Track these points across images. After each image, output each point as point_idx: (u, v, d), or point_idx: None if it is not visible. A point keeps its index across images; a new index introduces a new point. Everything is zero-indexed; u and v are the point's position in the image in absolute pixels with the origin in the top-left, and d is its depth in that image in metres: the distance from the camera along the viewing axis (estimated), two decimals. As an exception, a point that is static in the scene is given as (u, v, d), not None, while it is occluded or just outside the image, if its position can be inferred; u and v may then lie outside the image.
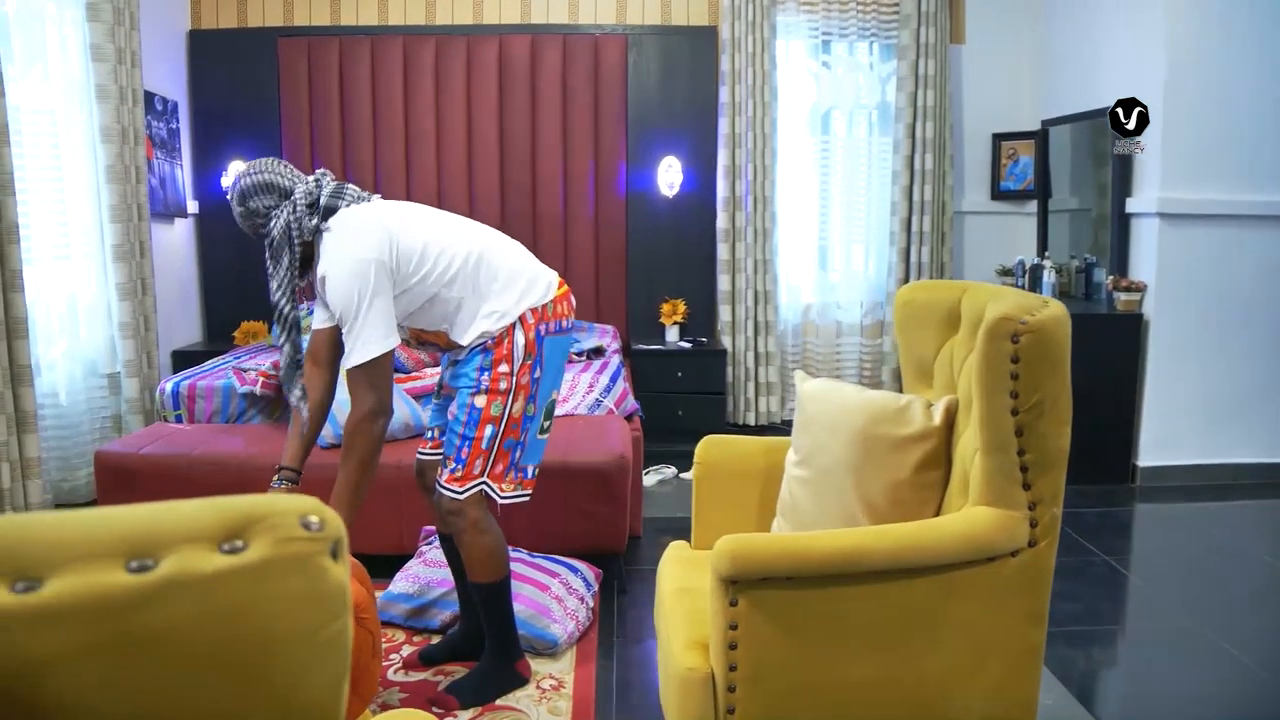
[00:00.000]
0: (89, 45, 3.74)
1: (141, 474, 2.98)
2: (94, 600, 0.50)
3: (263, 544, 0.55)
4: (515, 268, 2.21)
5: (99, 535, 0.53)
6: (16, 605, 0.49)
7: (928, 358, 2.16)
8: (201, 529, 0.55)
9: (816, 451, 2.06)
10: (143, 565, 0.52)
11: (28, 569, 0.50)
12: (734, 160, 4.73)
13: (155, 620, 0.51)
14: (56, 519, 0.54)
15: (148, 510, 0.56)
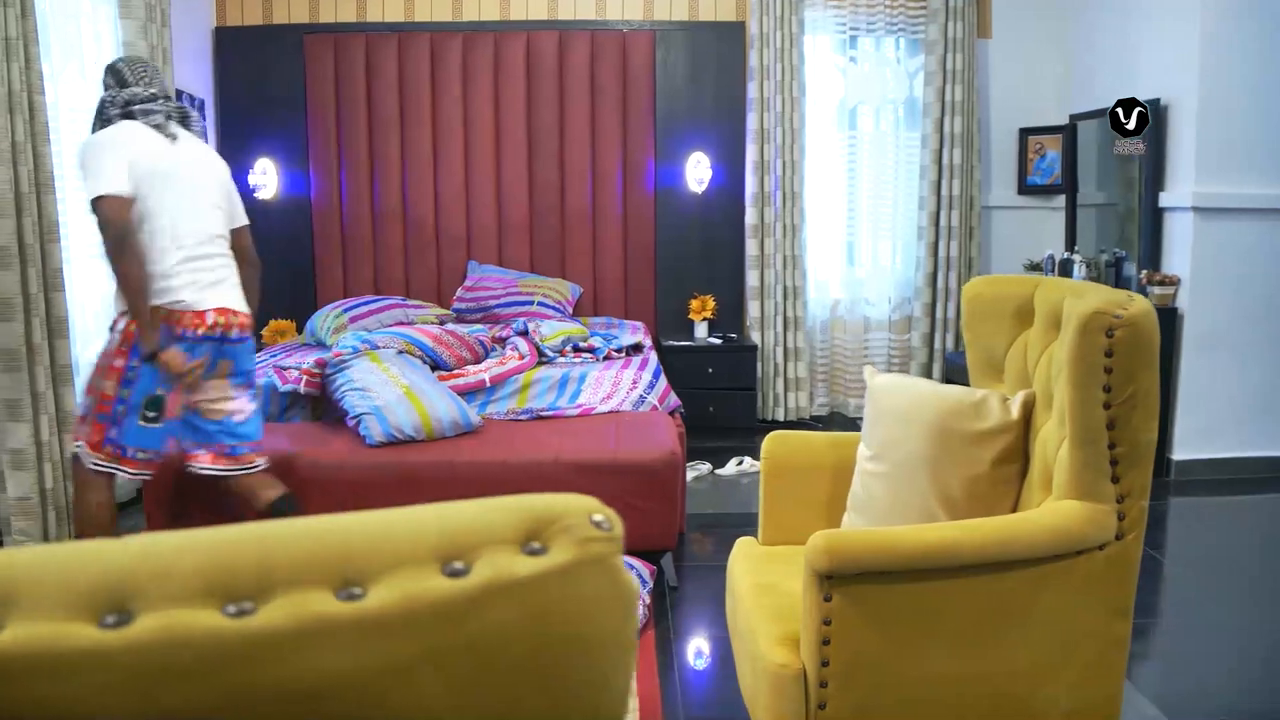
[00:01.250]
0: (122, 43, 3.72)
1: (191, 475, 2.96)
2: (420, 607, 0.49)
3: (563, 545, 0.55)
4: (165, 268, 2.44)
5: (415, 539, 0.52)
6: (349, 614, 0.48)
7: (998, 352, 2.16)
8: (504, 531, 0.54)
9: (891, 446, 2.06)
10: (457, 570, 0.52)
11: (353, 578, 0.49)
12: (762, 156, 4.72)
13: (479, 626, 0.50)
14: (369, 521, 0.54)
15: (448, 511, 0.55)
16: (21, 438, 3.09)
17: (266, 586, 0.46)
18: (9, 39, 3.01)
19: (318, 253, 4.83)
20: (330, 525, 0.51)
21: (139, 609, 0.44)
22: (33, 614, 0.43)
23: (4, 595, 0.44)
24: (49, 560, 0.45)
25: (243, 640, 0.44)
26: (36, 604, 0.43)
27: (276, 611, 0.45)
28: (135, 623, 0.44)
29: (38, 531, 3.13)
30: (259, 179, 4.74)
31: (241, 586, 0.46)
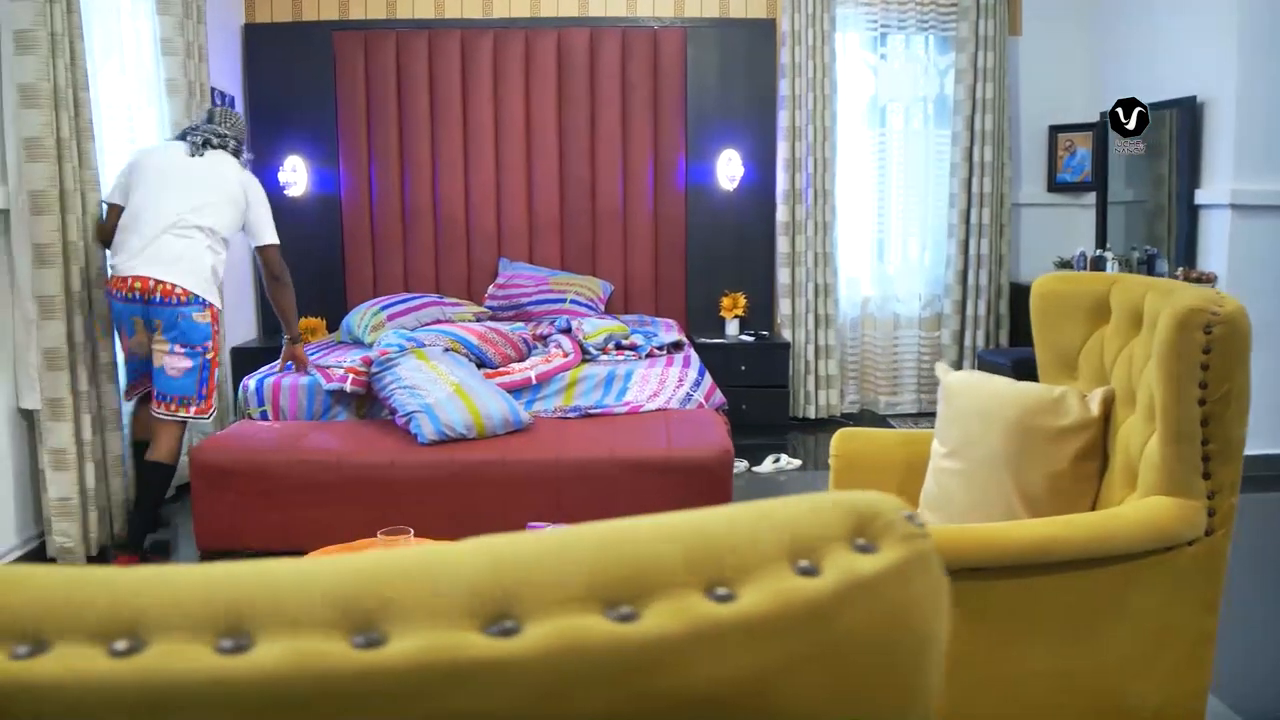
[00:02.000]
0: (159, 39, 3.70)
1: (237, 473, 2.95)
2: (792, 609, 0.48)
3: (890, 542, 0.54)
4: (115, 244, 3.07)
5: (764, 537, 0.51)
6: (728, 616, 0.47)
7: (1071, 348, 2.15)
8: (836, 528, 0.53)
9: (968, 443, 2.05)
10: (807, 569, 0.51)
11: (719, 578, 0.48)
12: (794, 153, 4.72)
13: (843, 626, 0.49)
14: (711, 518, 0.53)
15: (773, 509, 0.54)
16: (62, 437, 3.07)
17: (645, 589, 0.45)
18: (54, 34, 2.99)
19: (347, 250, 4.82)
20: (684, 523, 0.50)
21: (525, 617, 0.43)
22: (420, 622, 0.42)
23: (381, 604, 0.42)
24: (428, 565, 0.44)
25: (633, 646, 0.43)
26: (426, 611, 0.42)
27: (659, 616, 0.44)
28: (524, 632, 0.42)
29: (78, 533, 3.11)
30: (288, 176, 4.72)
31: (622, 590, 0.45)
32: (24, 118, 2.94)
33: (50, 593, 0.41)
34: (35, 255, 2.97)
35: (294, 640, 0.39)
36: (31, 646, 0.40)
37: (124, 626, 0.40)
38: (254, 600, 0.40)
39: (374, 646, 0.40)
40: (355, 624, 0.40)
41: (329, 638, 0.39)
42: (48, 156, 2.97)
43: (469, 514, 2.84)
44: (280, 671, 0.39)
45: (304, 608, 0.40)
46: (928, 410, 5.04)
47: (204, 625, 0.40)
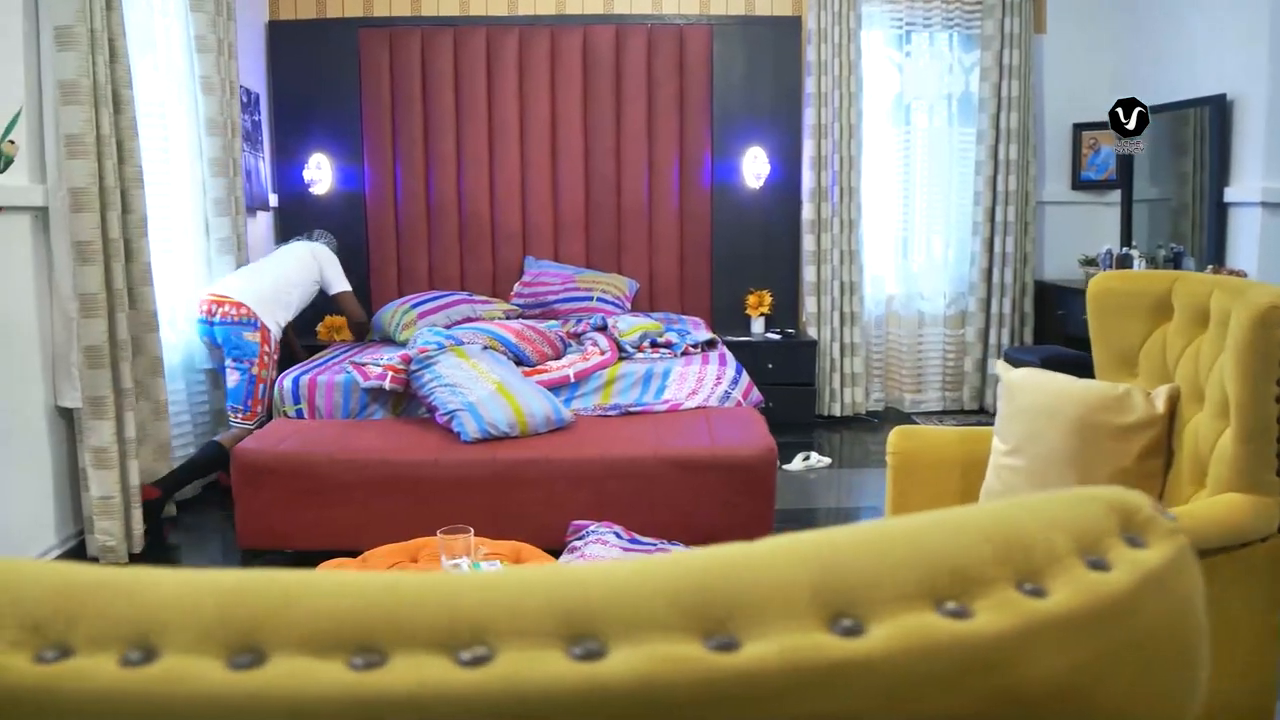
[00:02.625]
0: (193, 36, 3.69)
1: (279, 472, 2.95)
2: (1100, 607, 0.48)
3: (1158, 536, 0.54)
4: None
5: (1051, 533, 0.51)
6: (1045, 612, 0.47)
7: (1131, 346, 2.16)
8: (1107, 524, 0.53)
9: (1030, 440, 2.06)
10: (1099, 563, 0.51)
11: (1026, 574, 0.48)
12: (820, 151, 4.72)
13: (1141, 620, 0.49)
14: (990, 516, 0.53)
15: (1033, 506, 0.54)
16: (104, 436, 3.06)
17: (966, 586, 0.45)
18: (94, 31, 2.98)
19: (371, 248, 4.81)
20: (980, 517, 0.50)
21: (865, 616, 0.42)
22: (770, 623, 0.41)
23: (730, 605, 0.42)
24: (764, 562, 0.43)
25: (971, 644, 0.43)
26: (774, 611, 0.41)
27: (988, 613, 0.44)
28: (869, 632, 0.41)
29: (120, 531, 3.11)
30: (313, 174, 4.72)
31: (949, 587, 0.44)
32: (64, 114, 2.93)
33: (379, 598, 0.41)
34: (76, 253, 2.96)
35: (645, 645, 0.39)
36: (372, 657, 0.39)
37: (471, 635, 0.39)
38: (601, 604, 0.40)
39: (728, 650, 0.39)
40: (707, 627, 0.40)
41: (682, 641, 0.39)
42: (88, 153, 2.96)
43: (512, 512, 2.84)
44: (640, 677, 0.38)
45: (649, 611, 0.40)
46: (952, 408, 5.05)
47: (552, 631, 0.39)
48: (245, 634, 0.38)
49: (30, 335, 2.96)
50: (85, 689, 0.37)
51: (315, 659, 0.37)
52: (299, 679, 0.37)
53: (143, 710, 0.38)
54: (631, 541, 2.75)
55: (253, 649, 0.38)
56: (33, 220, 2.97)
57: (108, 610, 0.40)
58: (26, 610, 0.40)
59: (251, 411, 3.49)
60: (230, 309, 3.45)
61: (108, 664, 0.38)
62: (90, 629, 0.39)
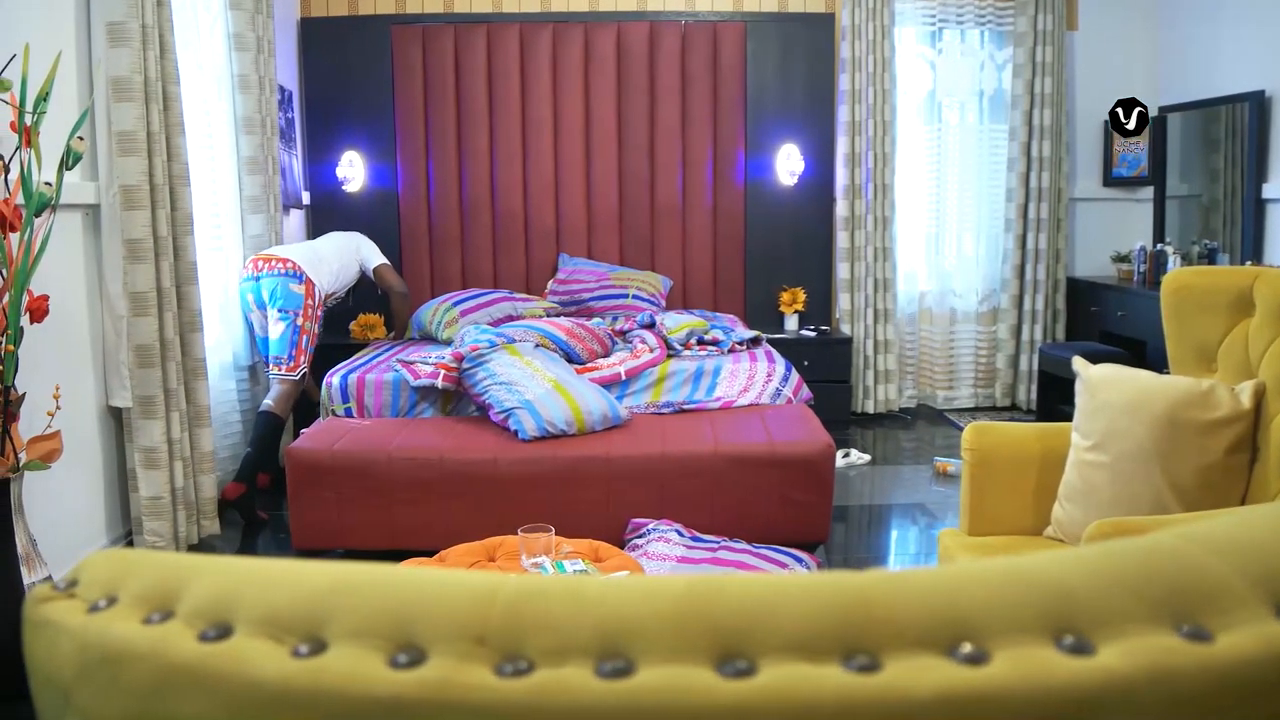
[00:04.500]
0: (231, 34, 3.67)
1: (336, 471, 2.94)
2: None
3: None
4: None
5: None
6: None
7: (1210, 342, 2.16)
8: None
9: (1113, 436, 2.05)
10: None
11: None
12: (854, 148, 4.72)
13: None
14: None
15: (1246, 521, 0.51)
16: (154, 436, 3.04)
17: (1203, 607, 0.42)
18: (145, 26, 2.96)
19: (404, 245, 4.79)
20: (1220, 534, 0.46)
21: (1095, 635, 0.40)
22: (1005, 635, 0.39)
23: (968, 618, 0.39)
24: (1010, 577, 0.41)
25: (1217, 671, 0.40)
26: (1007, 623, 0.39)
27: (1232, 637, 0.41)
28: (1099, 653, 0.39)
29: (168, 532, 3.09)
30: (346, 171, 4.70)
31: (1183, 608, 0.41)
32: (117, 111, 2.91)
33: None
34: (127, 251, 2.95)
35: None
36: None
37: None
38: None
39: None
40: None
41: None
42: (139, 151, 2.94)
43: (573, 510, 2.83)
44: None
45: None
46: (984, 405, 5.05)
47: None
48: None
49: (81, 334, 2.95)
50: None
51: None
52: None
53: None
54: (694, 540, 2.75)
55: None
56: (84, 218, 2.95)
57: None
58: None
59: (295, 362, 3.55)
60: (277, 264, 3.56)
61: (376, 663, 0.37)
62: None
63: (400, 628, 0.38)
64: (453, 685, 0.35)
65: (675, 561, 2.58)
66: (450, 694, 0.35)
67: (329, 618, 0.38)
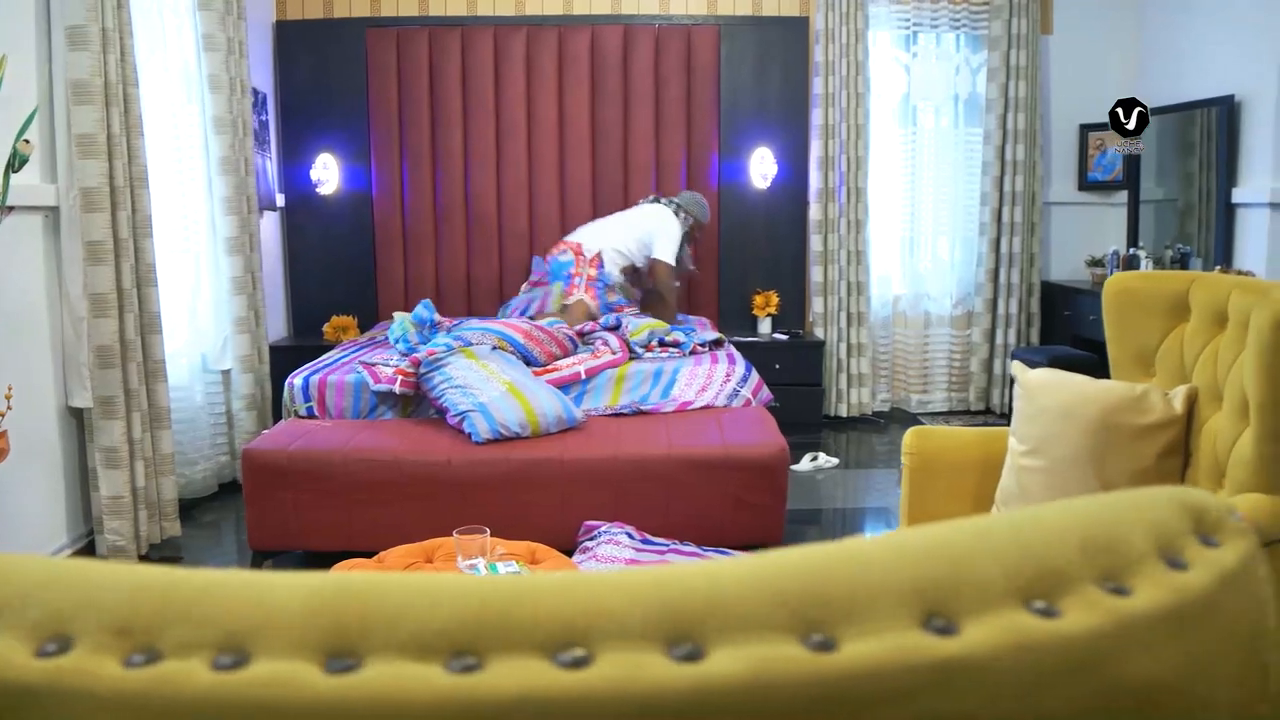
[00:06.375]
0: (201, 35, 3.69)
1: (294, 472, 2.94)
2: (1185, 604, 0.47)
3: (1229, 537, 0.54)
4: None
5: (1130, 532, 0.51)
6: (1134, 611, 0.46)
7: (1148, 346, 2.16)
8: (1181, 524, 0.53)
9: (1049, 441, 2.06)
10: (1177, 563, 0.51)
11: (1112, 574, 0.47)
12: (827, 151, 4.72)
13: (1224, 620, 0.50)
14: (1060, 516, 0.52)
15: (1107, 504, 0.54)
16: (114, 436, 3.06)
17: (1057, 585, 0.44)
18: (106, 30, 2.97)
19: (379, 248, 4.81)
20: (1064, 515, 0.49)
21: (958, 615, 0.42)
22: (865, 623, 0.41)
23: (827, 604, 0.41)
24: (860, 561, 0.43)
25: (1066, 644, 0.42)
26: (868, 610, 0.41)
27: (1080, 612, 0.43)
28: (963, 632, 0.41)
29: (129, 531, 3.10)
30: (320, 174, 4.71)
31: (1038, 586, 0.44)
32: (76, 114, 2.93)
33: (484, 600, 0.40)
34: (87, 253, 2.96)
35: (745, 646, 0.38)
36: (471, 660, 0.38)
37: (571, 637, 0.39)
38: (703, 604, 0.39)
39: (828, 650, 0.39)
40: (805, 626, 0.39)
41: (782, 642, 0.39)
42: (99, 153, 2.96)
43: (525, 512, 2.84)
44: (742, 679, 0.38)
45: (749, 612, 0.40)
46: (958, 409, 5.05)
47: (653, 633, 0.39)
48: (342, 638, 0.37)
49: (42, 335, 2.96)
50: (175, 694, 0.37)
51: (414, 663, 0.37)
52: (396, 682, 0.36)
53: (233, 715, 0.38)
54: (644, 542, 2.75)
55: (349, 653, 0.38)
56: (44, 220, 2.97)
57: (195, 613, 0.39)
58: (111, 614, 0.39)
59: None
60: None
61: (199, 668, 0.37)
62: (180, 633, 0.38)
63: (229, 631, 0.38)
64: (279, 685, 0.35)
65: (624, 564, 2.59)
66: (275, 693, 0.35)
67: (157, 625, 0.37)
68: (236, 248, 3.78)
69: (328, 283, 4.80)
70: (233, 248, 3.77)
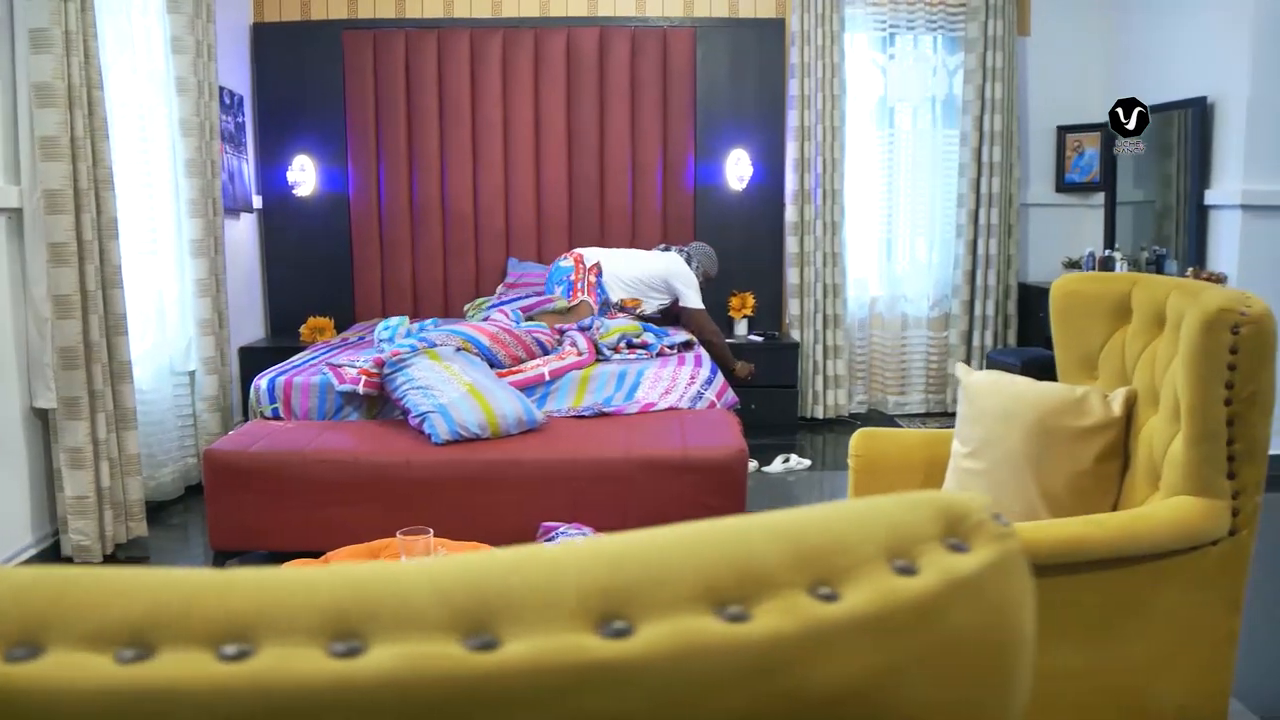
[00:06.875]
0: (170, 38, 3.70)
1: (254, 473, 2.95)
2: (896, 609, 0.48)
3: (983, 541, 0.54)
4: None
5: (861, 535, 0.52)
6: (838, 615, 0.47)
7: (1091, 349, 2.16)
8: (929, 528, 0.54)
9: (989, 443, 2.06)
10: (907, 568, 0.51)
11: (823, 578, 0.48)
12: (803, 153, 4.72)
13: (946, 626, 0.50)
14: (804, 517, 0.53)
15: (859, 509, 0.54)
16: (79, 436, 3.07)
17: (752, 589, 0.45)
18: (69, 32, 2.99)
19: (355, 249, 4.82)
20: (783, 521, 0.50)
21: (637, 618, 0.43)
22: (533, 624, 0.42)
23: (492, 605, 0.42)
24: (538, 564, 0.43)
25: (748, 647, 0.43)
26: (538, 612, 0.42)
27: (770, 616, 0.44)
28: (638, 633, 0.42)
29: (94, 531, 3.11)
30: (297, 175, 4.72)
31: (731, 590, 0.45)
32: (39, 117, 2.94)
33: (157, 595, 0.41)
34: (51, 255, 2.97)
35: (406, 644, 0.39)
36: (140, 650, 0.39)
37: (235, 631, 0.39)
38: (365, 602, 0.40)
39: (489, 649, 0.40)
40: (468, 626, 0.40)
41: (442, 640, 0.39)
42: (63, 156, 2.97)
43: (484, 513, 2.85)
44: (396, 676, 0.38)
45: (413, 610, 0.40)
46: (935, 410, 5.05)
47: (316, 629, 0.39)
48: (22, 627, 0.38)
49: (5, 336, 2.97)
50: None
51: (88, 653, 0.37)
52: (68, 671, 0.37)
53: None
54: (601, 543, 2.75)
55: (29, 642, 0.39)
56: (7, 222, 2.98)
57: None
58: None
59: None
60: None
61: None
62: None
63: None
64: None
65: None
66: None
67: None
68: (201, 250, 3.79)
69: (305, 284, 4.81)
70: (198, 250, 3.78)
